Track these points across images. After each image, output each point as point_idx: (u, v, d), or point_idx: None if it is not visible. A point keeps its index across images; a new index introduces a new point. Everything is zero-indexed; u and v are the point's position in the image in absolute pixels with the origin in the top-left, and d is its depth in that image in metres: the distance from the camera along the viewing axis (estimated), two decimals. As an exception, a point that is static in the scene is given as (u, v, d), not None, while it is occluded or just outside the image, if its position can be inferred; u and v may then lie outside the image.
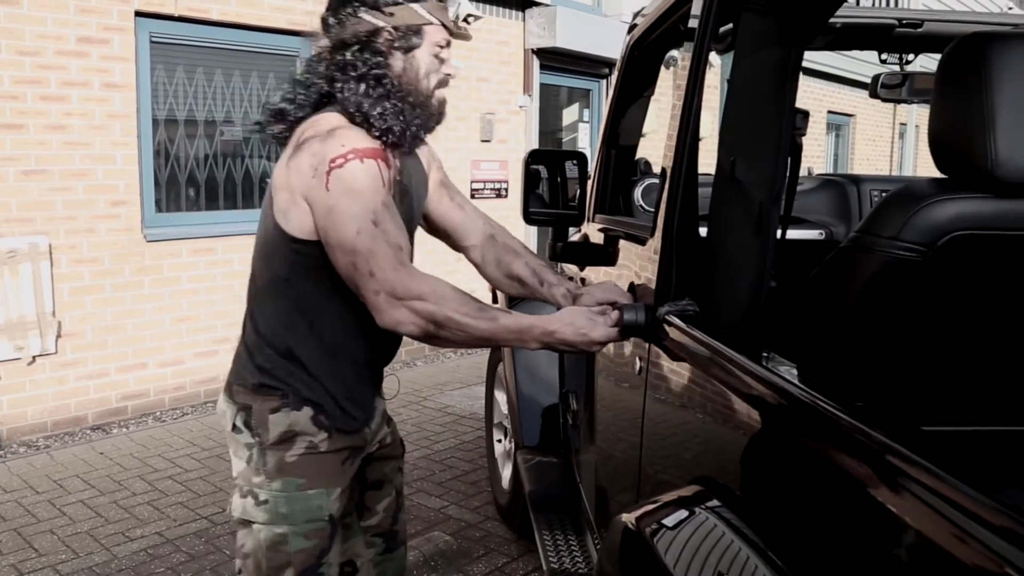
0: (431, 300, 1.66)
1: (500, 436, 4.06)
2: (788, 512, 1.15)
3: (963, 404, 1.30)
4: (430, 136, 1.95)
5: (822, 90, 12.50)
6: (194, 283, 5.63)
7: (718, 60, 7.06)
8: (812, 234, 2.83)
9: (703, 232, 1.72)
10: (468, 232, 2.14)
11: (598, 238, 2.67)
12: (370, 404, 2.01)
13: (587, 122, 9.07)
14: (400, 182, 1.88)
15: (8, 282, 4.72)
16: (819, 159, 13.09)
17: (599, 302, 1.86)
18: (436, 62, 1.86)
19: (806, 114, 1.59)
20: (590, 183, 2.99)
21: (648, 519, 1.42)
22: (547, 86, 8.38)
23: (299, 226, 1.74)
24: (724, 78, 8.37)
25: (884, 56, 2.94)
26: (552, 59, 8.11)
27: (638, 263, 2.04)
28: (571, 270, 3.16)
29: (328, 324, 1.85)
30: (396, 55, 1.80)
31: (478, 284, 2.52)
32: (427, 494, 4.22)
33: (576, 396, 3.02)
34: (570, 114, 9.13)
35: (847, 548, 0.99)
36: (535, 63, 7.96)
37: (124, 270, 5.27)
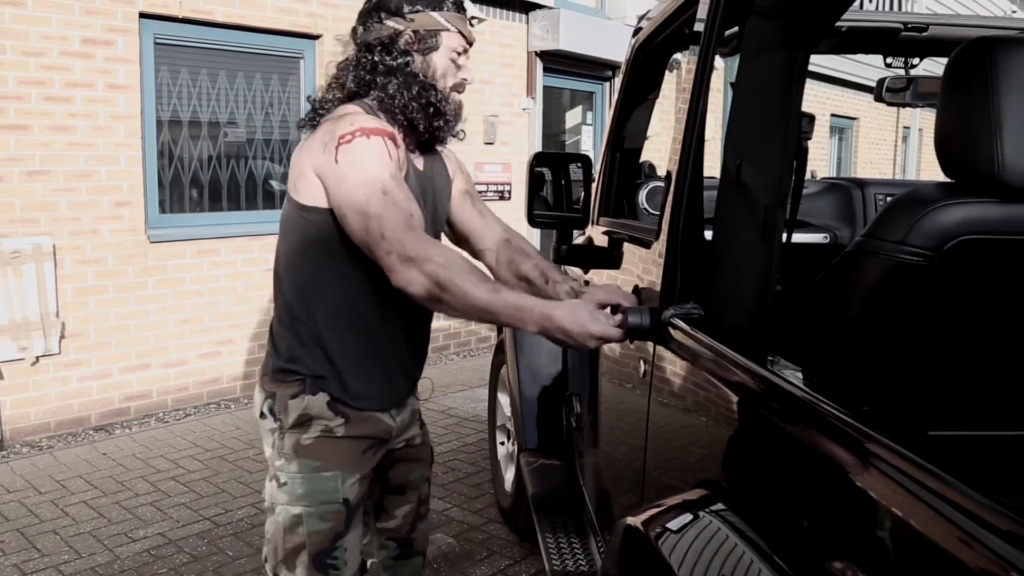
0: (438, 263, 1.72)
1: (503, 438, 4.06)
2: (793, 516, 1.15)
3: (970, 408, 1.30)
4: (457, 144, 2.08)
5: (825, 93, 12.50)
6: (197, 284, 5.64)
7: (721, 63, 7.07)
8: (817, 238, 2.82)
9: (708, 235, 1.72)
10: (485, 237, 2.22)
11: (602, 241, 2.67)
12: (387, 386, 2.03)
13: (590, 125, 9.07)
14: (425, 176, 2.01)
15: (12, 283, 4.72)
16: (822, 162, 13.09)
17: (600, 303, 1.88)
18: (453, 66, 1.98)
19: (812, 118, 1.59)
20: (594, 186, 2.99)
21: (652, 522, 1.42)
22: (550, 88, 8.38)
23: (308, 195, 1.84)
24: (728, 81, 8.38)
25: (889, 60, 2.94)
26: (555, 62, 8.11)
27: (642, 266, 2.04)
28: (575, 273, 3.16)
29: (335, 294, 1.91)
30: (416, 56, 1.94)
31: None
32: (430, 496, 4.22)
33: (579, 399, 3.02)
34: (573, 117, 9.13)
35: (853, 552, 0.99)
36: (538, 65, 7.97)
37: (127, 271, 5.28)
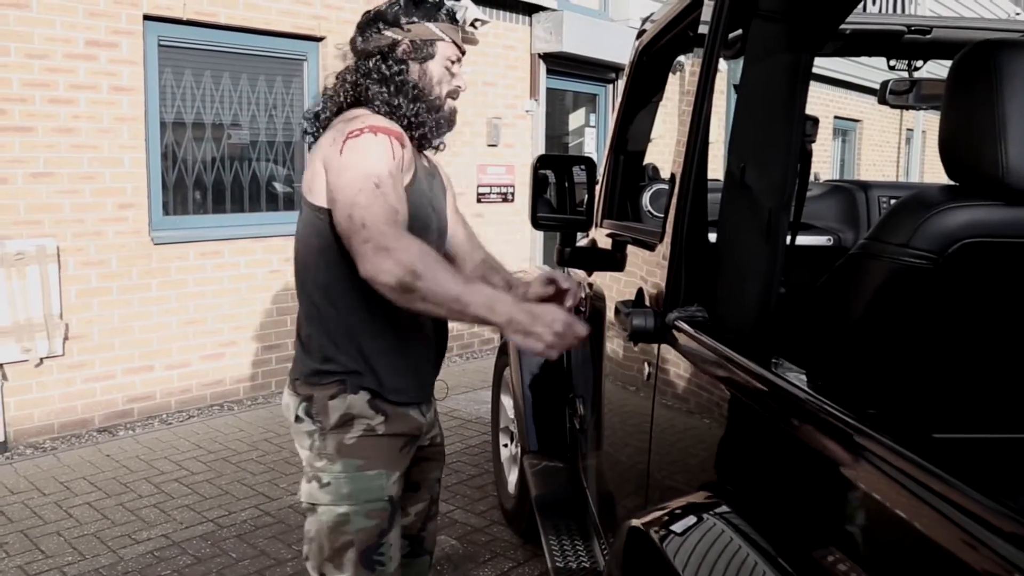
0: (414, 253, 1.73)
1: (506, 440, 4.06)
2: (798, 518, 1.15)
3: (974, 411, 1.30)
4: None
5: (828, 95, 12.49)
6: (201, 286, 5.64)
7: (724, 65, 7.06)
8: (820, 240, 2.83)
9: (712, 238, 1.73)
10: (467, 253, 2.31)
11: (606, 243, 2.67)
12: (415, 379, 2.09)
13: (593, 127, 9.08)
14: (432, 178, 2.12)
15: (16, 284, 4.73)
16: (825, 164, 13.08)
17: (539, 297, 2.08)
18: (448, 74, 2.08)
19: (816, 120, 1.59)
20: (598, 188, 2.99)
21: (657, 524, 1.42)
22: (553, 91, 8.39)
23: (322, 196, 1.91)
24: (731, 83, 8.32)
25: (893, 62, 2.94)
26: (559, 64, 8.12)
27: (646, 268, 2.05)
28: (579, 275, 3.16)
29: (359, 289, 1.89)
30: (413, 64, 2.03)
31: None
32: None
33: (583, 401, 3.02)
34: (576, 119, 9.13)
35: (858, 555, 0.99)
36: (542, 68, 7.97)
37: (131, 273, 5.28)
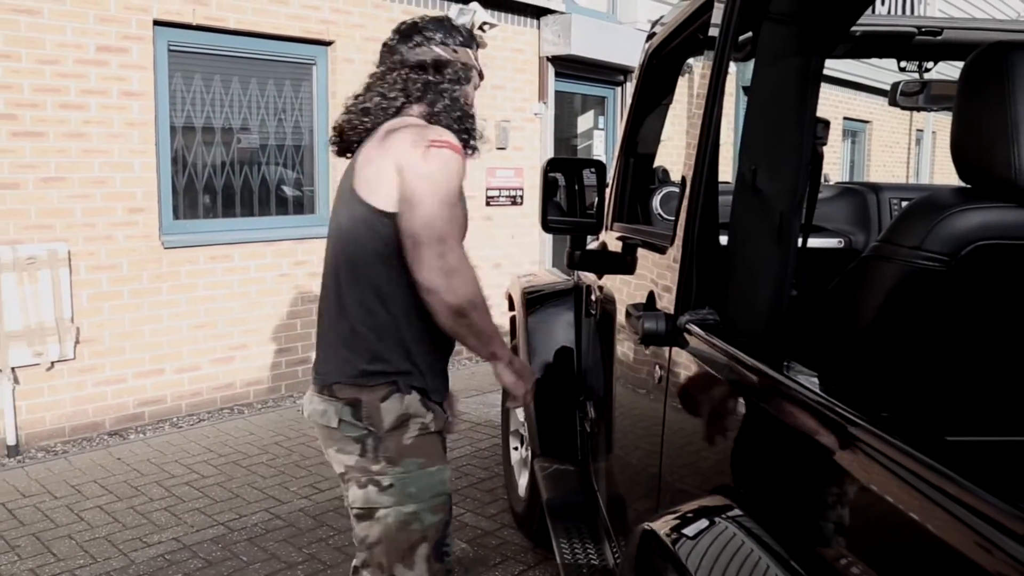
0: (476, 285, 1.93)
1: (516, 444, 4.06)
2: (810, 521, 1.15)
3: (988, 414, 1.29)
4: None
5: (838, 96, 12.46)
6: (210, 290, 5.66)
7: (733, 67, 7.05)
8: (831, 242, 2.82)
9: (723, 240, 1.72)
10: None
11: (616, 246, 2.67)
12: (446, 379, 2.21)
13: (602, 129, 9.07)
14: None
15: (27, 288, 4.75)
16: (835, 166, 13.05)
17: None
18: (475, 100, 2.22)
19: (827, 123, 1.59)
20: (608, 191, 2.99)
21: (670, 527, 1.42)
22: (562, 93, 8.39)
23: (387, 200, 1.94)
24: (740, 85, 8.30)
25: (903, 64, 2.93)
26: (567, 66, 8.11)
27: (656, 271, 2.04)
28: (589, 278, 3.16)
29: (409, 290, 1.97)
30: (459, 86, 2.15)
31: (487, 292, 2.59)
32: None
33: (593, 404, 3.02)
34: (585, 121, 9.13)
35: (872, 558, 0.98)
36: (550, 70, 7.97)
37: (142, 277, 5.30)
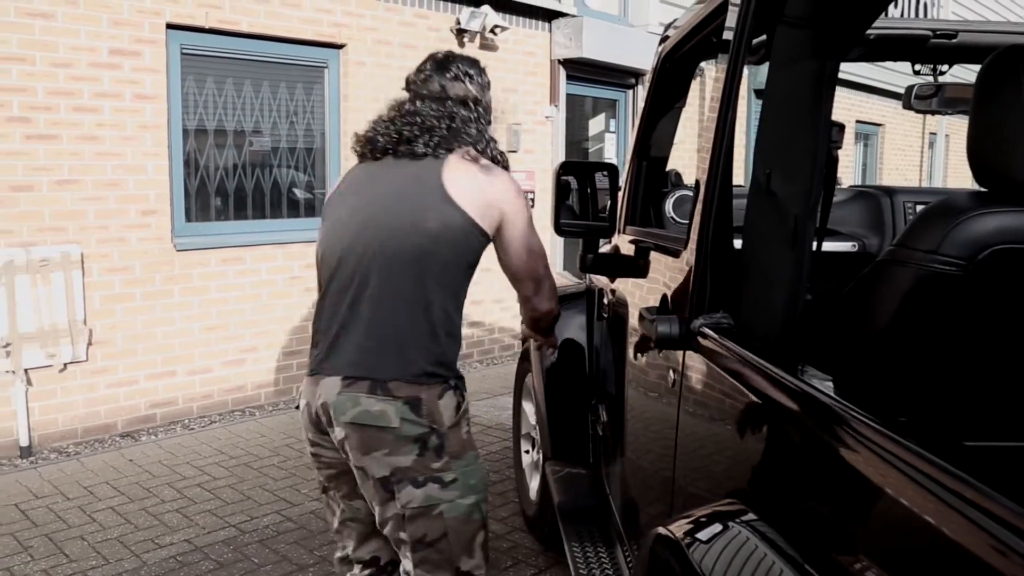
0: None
1: (528, 447, 4.05)
2: (826, 527, 1.14)
3: (1006, 419, 1.28)
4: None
5: (850, 100, 12.42)
6: (223, 292, 5.67)
7: (745, 70, 7.02)
8: (845, 246, 2.81)
9: (737, 244, 1.72)
10: None
11: (629, 250, 2.67)
12: None
13: (614, 132, 9.06)
14: None
15: (41, 290, 4.78)
16: (847, 169, 13.00)
17: None
18: None
19: (842, 127, 1.58)
20: (621, 194, 2.99)
21: (684, 531, 1.42)
22: (573, 96, 8.38)
23: (490, 225, 2.15)
24: (752, 88, 8.27)
25: (918, 67, 2.92)
26: (578, 69, 8.11)
27: (669, 275, 2.04)
28: (601, 282, 3.16)
29: (464, 299, 2.20)
30: (490, 125, 2.32)
31: (500, 295, 2.62)
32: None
33: (606, 407, 3.01)
34: (596, 124, 9.12)
35: (889, 564, 0.98)
36: (561, 73, 7.97)
37: (154, 279, 5.32)
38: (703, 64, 3.13)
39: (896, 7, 12.46)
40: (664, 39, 2.86)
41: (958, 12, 13.97)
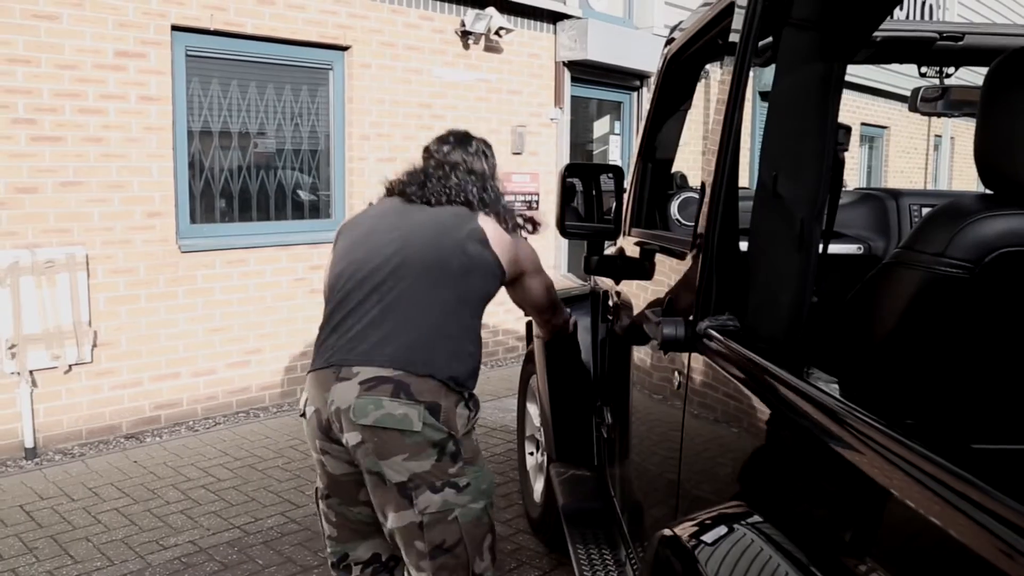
0: None
1: (532, 449, 4.05)
2: (832, 529, 1.14)
3: (1013, 422, 1.28)
4: None
5: (855, 102, 12.41)
6: (227, 294, 5.68)
7: (750, 72, 7.00)
8: (851, 248, 2.80)
9: (743, 246, 1.72)
10: None
11: (634, 252, 2.67)
12: None
13: (618, 134, 9.06)
14: None
15: (46, 292, 4.78)
16: (852, 172, 12.98)
17: None
18: None
19: (848, 129, 1.58)
20: (626, 196, 2.98)
21: (689, 533, 1.41)
22: (578, 98, 8.38)
23: (510, 273, 2.43)
24: (756, 90, 8.23)
25: (924, 70, 2.91)
26: (583, 71, 8.11)
27: (675, 277, 2.04)
28: (606, 284, 3.16)
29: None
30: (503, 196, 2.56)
31: (503, 298, 2.71)
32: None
33: (610, 409, 3.01)
34: (601, 126, 9.12)
35: (896, 567, 0.97)
36: (566, 75, 7.97)
37: (159, 280, 5.33)
38: (708, 66, 3.12)
39: (902, 9, 12.45)
40: (670, 41, 2.86)
41: (964, 14, 13.94)
